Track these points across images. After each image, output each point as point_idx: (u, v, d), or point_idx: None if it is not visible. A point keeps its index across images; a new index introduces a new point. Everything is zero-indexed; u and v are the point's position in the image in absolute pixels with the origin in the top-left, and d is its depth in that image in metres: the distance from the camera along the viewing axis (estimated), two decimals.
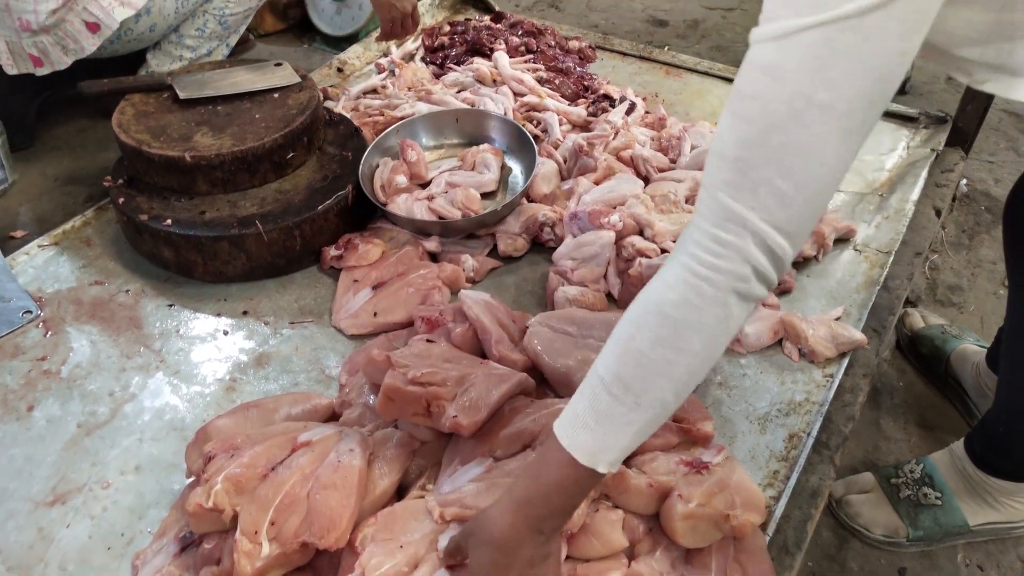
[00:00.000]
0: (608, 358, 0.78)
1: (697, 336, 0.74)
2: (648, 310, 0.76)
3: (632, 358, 0.76)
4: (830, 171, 0.68)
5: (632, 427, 0.77)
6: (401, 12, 1.93)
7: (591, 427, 0.78)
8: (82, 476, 1.12)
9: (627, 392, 0.76)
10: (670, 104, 2.00)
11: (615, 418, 0.77)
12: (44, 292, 1.42)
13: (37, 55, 1.69)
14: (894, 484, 1.24)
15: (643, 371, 0.75)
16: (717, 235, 0.70)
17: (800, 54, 0.64)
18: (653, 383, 0.76)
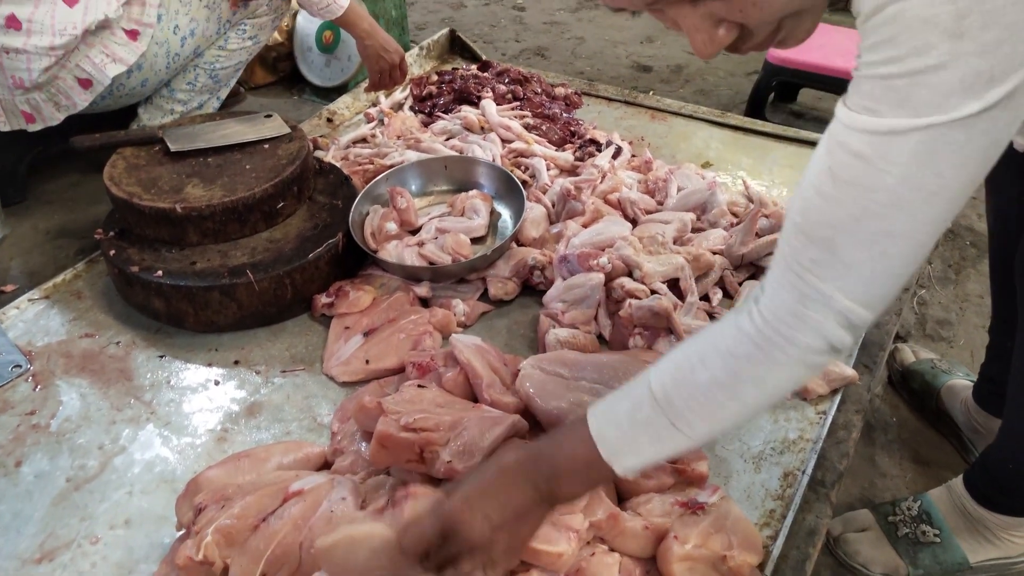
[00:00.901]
0: (665, 376, 0.79)
1: (755, 390, 0.75)
2: (717, 351, 0.77)
3: (687, 389, 0.77)
4: (923, 249, 0.69)
5: (662, 445, 0.80)
6: (389, 63, 1.97)
7: (623, 428, 0.80)
8: (70, 532, 1.11)
9: (670, 413, 0.77)
10: (656, 147, 2.02)
11: (649, 431, 0.79)
12: (34, 346, 1.42)
13: (29, 111, 1.71)
14: (892, 522, 1.23)
15: (693, 403, 0.77)
16: (799, 311, 0.71)
17: (911, 150, 0.63)
18: (698, 416, 0.77)
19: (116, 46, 1.67)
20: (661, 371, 0.80)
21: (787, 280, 0.72)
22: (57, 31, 1.58)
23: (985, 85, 0.59)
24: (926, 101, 0.61)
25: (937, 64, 0.59)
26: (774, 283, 0.73)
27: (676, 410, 0.77)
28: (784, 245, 0.73)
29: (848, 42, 2.33)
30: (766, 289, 0.74)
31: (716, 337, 0.78)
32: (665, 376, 0.79)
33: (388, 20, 2.55)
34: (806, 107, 2.60)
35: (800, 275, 0.70)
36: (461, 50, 2.56)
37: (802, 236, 0.70)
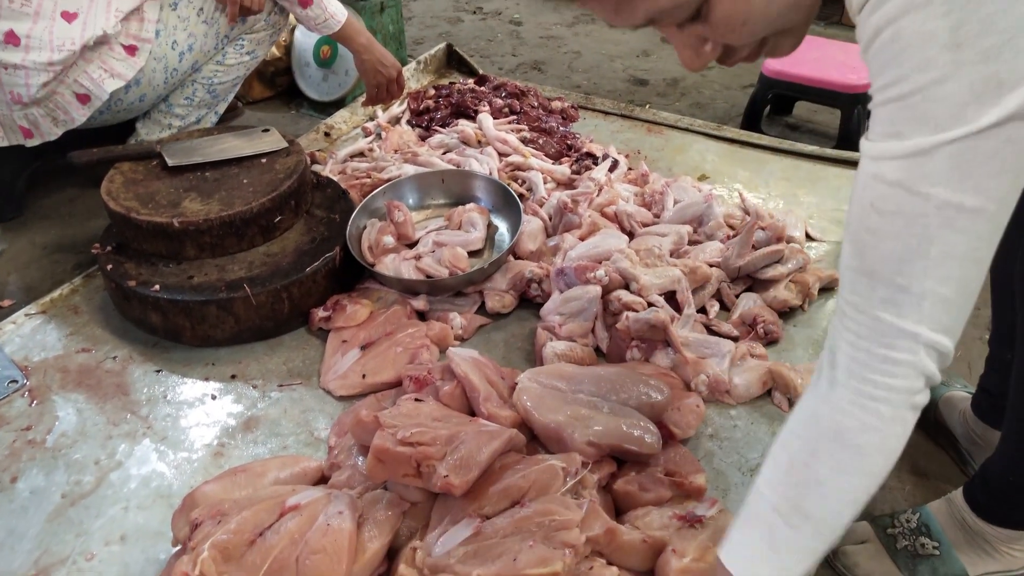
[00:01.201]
0: (780, 487, 0.76)
1: (880, 456, 0.73)
2: (823, 436, 0.73)
3: (812, 489, 0.74)
4: (986, 263, 0.68)
5: (813, 554, 0.76)
6: (386, 77, 1.98)
7: (770, 559, 0.77)
8: (66, 548, 1.10)
9: (807, 521, 0.75)
10: (652, 160, 2.03)
11: (795, 548, 0.76)
12: (30, 361, 1.42)
13: (27, 127, 1.71)
14: (891, 534, 1.22)
15: (825, 500, 0.74)
16: (887, 355, 0.69)
17: (943, 167, 0.62)
18: (836, 510, 0.75)
19: (114, 61, 1.68)
20: (774, 482, 0.77)
21: (863, 330, 0.70)
22: (55, 47, 1.59)
23: (996, 91, 0.59)
24: (944, 115, 0.61)
25: (942, 76, 0.60)
26: (848, 339, 0.71)
27: (808, 515, 0.75)
28: (848, 295, 0.71)
29: (843, 55, 2.35)
30: (839, 350, 0.72)
31: (813, 424, 0.75)
32: (782, 487, 0.76)
33: (385, 35, 2.57)
34: (802, 120, 2.61)
35: (877, 318, 0.68)
36: (458, 64, 2.57)
37: (864, 279, 0.69)
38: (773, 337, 1.43)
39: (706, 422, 1.27)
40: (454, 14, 3.69)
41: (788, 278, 1.52)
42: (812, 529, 0.75)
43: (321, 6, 1.84)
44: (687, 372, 1.32)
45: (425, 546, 0.99)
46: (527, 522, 0.98)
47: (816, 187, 1.91)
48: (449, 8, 3.77)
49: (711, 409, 1.30)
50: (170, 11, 1.74)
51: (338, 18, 1.87)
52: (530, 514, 0.99)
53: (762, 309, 1.46)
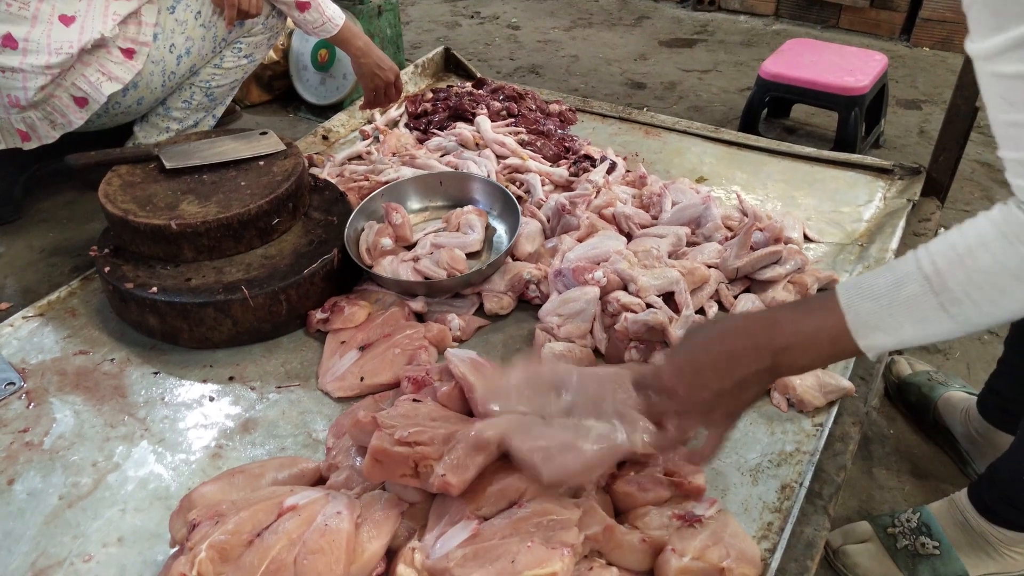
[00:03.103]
0: (937, 256, 0.75)
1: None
2: (1000, 235, 0.73)
3: (966, 272, 0.73)
4: None
5: (924, 327, 0.76)
6: (384, 81, 1.98)
7: (882, 303, 0.77)
8: (63, 550, 1.09)
9: (943, 294, 0.74)
10: (650, 163, 2.03)
11: (913, 307, 0.75)
12: (28, 363, 1.41)
13: (25, 130, 1.71)
14: (891, 534, 1.22)
15: (972, 287, 0.73)
16: None
17: None
18: (976, 301, 0.73)
19: (112, 65, 1.68)
20: (933, 251, 0.76)
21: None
22: (53, 50, 1.59)
23: None
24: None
25: None
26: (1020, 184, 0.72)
27: (950, 292, 0.74)
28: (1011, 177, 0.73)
29: (839, 58, 2.36)
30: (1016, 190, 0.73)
31: (993, 224, 0.74)
32: (939, 257, 0.75)
33: (383, 39, 2.57)
34: (799, 122, 2.62)
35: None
36: (456, 68, 2.57)
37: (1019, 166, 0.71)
38: None
39: None
40: (452, 18, 3.70)
41: (786, 279, 1.52)
42: (940, 303, 0.74)
43: (319, 10, 1.84)
44: None
45: (423, 548, 0.98)
46: (525, 522, 0.98)
47: (814, 189, 1.91)
48: (447, 12, 3.78)
49: None
50: (168, 15, 1.74)
51: (336, 22, 1.87)
52: (528, 514, 0.98)
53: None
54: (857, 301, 0.78)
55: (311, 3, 1.82)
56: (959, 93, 1.75)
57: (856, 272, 1.60)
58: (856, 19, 3.36)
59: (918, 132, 2.59)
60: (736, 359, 0.83)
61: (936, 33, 3.26)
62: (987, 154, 2.45)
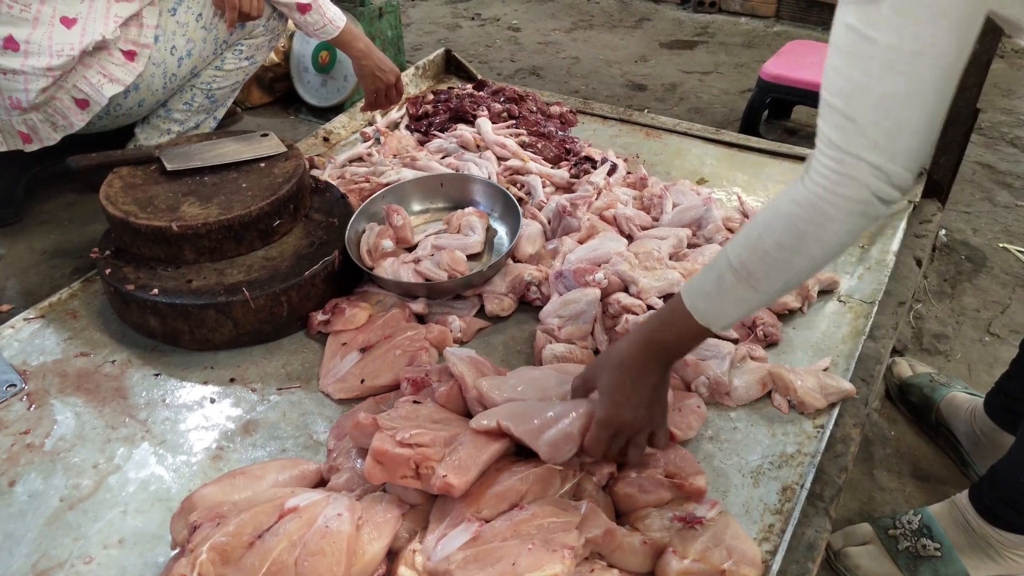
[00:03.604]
0: (738, 248, 0.94)
1: (817, 244, 0.88)
2: (777, 217, 0.90)
3: (758, 254, 0.91)
4: (931, 106, 0.80)
5: (745, 304, 0.96)
6: (385, 83, 1.98)
7: (712, 297, 0.97)
8: (63, 552, 1.09)
9: (749, 277, 0.93)
10: (651, 164, 2.03)
11: (733, 295, 0.95)
12: (29, 365, 1.41)
13: (26, 132, 1.71)
14: (892, 535, 1.22)
15: (765, 265, 0.91)
16: (838, 168, 0.83)
17: (886, 15, 0.74)
18: (771, 275, 0.92)
19: (113, 67, 1.68)
20: (735, 244, 0.94)
21: (822, 147, 0.84)
22: (54, 52, 1.59)
23: None
24: None
25: None
26: (816, 153, 0.86)
27: (751, 272, 0.92)
28: (819, 119, 0.85)
29: None
30: (812, 158, 0.86)
31: (776, 207, 0.90)
32: (739, 248, 0.94)
33: (384, 40, 2.57)
34: (800, 124, 2.62)
35: (831, 140, 0.83)
36: (457, 70, 2.58)
37: (826, 107, 0.83)
38: (772, 339, 1.43)
39: (706, 424, 1.27)
40: (452, 20, 3.70)
41: None
42: (751, 285, 0.93)
43: (320, 12, 1.84)
44: (687, 373, 1.32)
45: (424, 549, 0.98)
46: (526, 525, 0.98)
47: None
48: (448, 14, 3.78)
49: (711, 411, 1.30)
50: (169, 17, 1.74)
51: (337, 24, 1.87)
52: (529, 517, 0.98)
53: (761, 312, 1.46)
54: (696, 301, 0.98)
55: (312, 5, 1.82)
56: (960, 95, 1.74)
57: (857, 274, 1.60)
58: None
59: None
60: (642, 377, 1.04)
61: None
62: (988, 156, 2.45)
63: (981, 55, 1.67)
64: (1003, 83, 2.95)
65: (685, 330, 1.00)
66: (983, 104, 1.82)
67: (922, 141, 0.82)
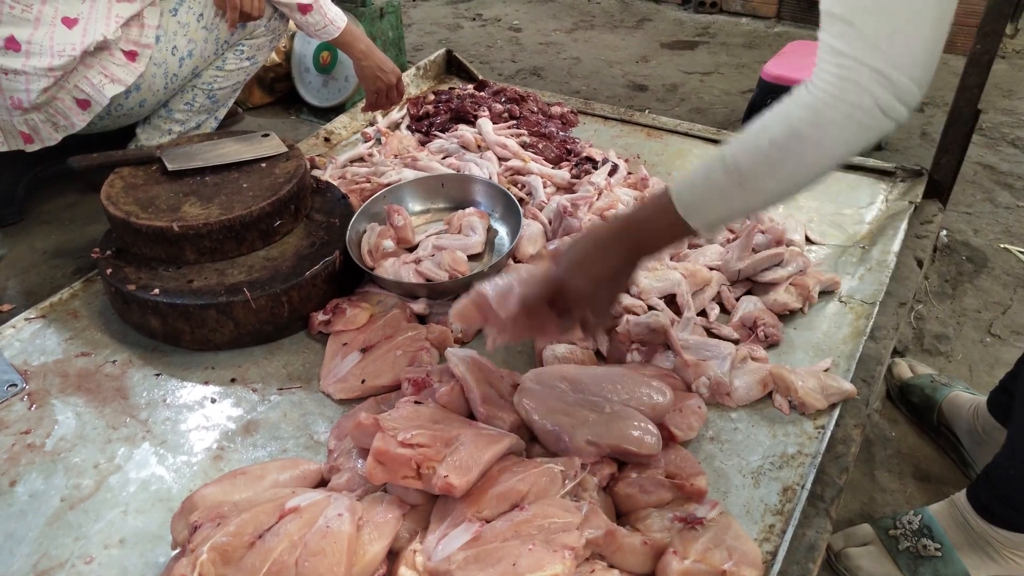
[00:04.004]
0: (734, 144, 0.93)
1: (813, 149, 0.87)
2: (777, 118, 0.89)
3: (751, 151, 0.91)
4: (931, 9, 0.81)
5: (727, 202, 0.94)
6: (386, 84, 1.98)
7: (698, 189, 0.96)
8: (64, 552, 1.10)
9: (738, 173, 0.91)
10: (652, 165, 2.03)
11: (719, 189, 0.94)
12: (30, 365, 1.41)
13: (28, 132, 1.71)
14: (893, 536, 1.22)
15: (756, 163, 0.90)
16: (841, 74, 0.84)
17: None
18: (760, 174, 0.90)
19: (114, 67, 1.68)
20: (732, 141, 0.93)
21: (824, 56, 0.85)
22: (56, 52, 1.59)
23: None
24: None
25: None
26: (820, 60, 0.86)
27: (742, 172, 0.91)
28: (820, 32, 0.86)
29: None
30: (815, 67, 0.87)
31: (778, 109, 0.90)
32: (734, 144, 0.92)
33: (385, 41, 2.57)
34: None
35: (832, 47, 0.84)
36: (458, 70, 2.58)
37: (826, 17, 0.85)
38: (773, 340, 1.43)
39: (707, 424, 1.27)
40: (454, 21, 3.70)
41: (788, 281, 1.52)
42: (739, 182, 0.91)
43: (321, 12, 1.84)
44: (688, 374, 1.32)
45: (425, 550, 0.98)
46: (526, 525, 0.98)
47: (815, 191, 1.91)
48: (449, 15, 3.78)
49: (711, 411, 1.30)
50: (170, 17, 1.75)
51: (338, 24, 1.87)
52: (529, 517, 0.98)
53: (762, 312, 1.46)
54: (682, 191, 0.97)
55: (313, 6, 1.83)
56: (961, 95, 1.75)
57: (858, 275, 1.60)
58: None
59: (920, 134, 2.59)
60: (607, 254, 1.03)
61: None
62: (989, 156, 2.45)
63: (982, 56, 1.67)
64: (1004, 84, 2.95)
65: (663, 220, 0.99)
66: (984, 105, 1.82)
67: (924, 49, 0.82)
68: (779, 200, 0.94)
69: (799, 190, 0.92)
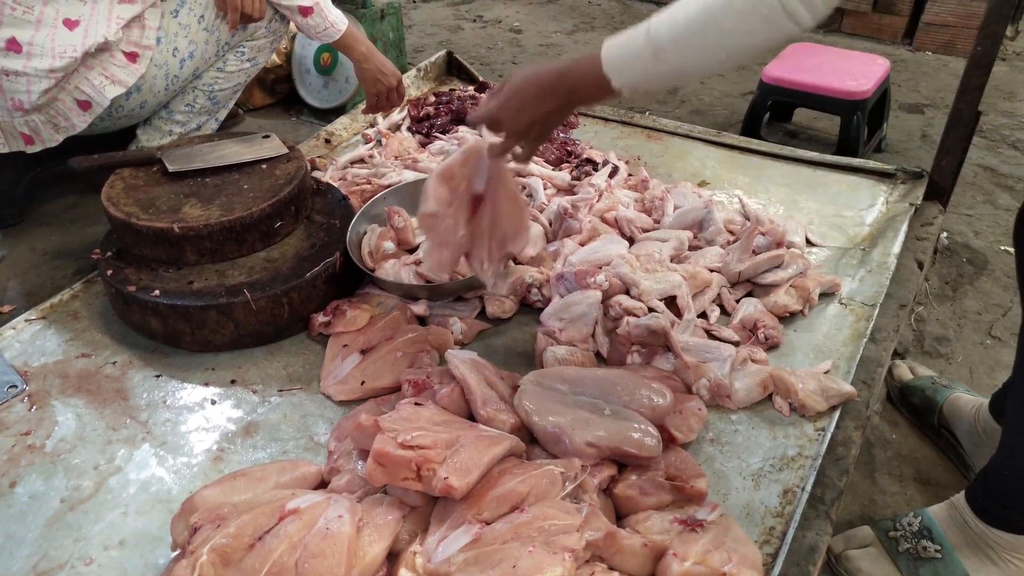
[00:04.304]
0: (661, 15, 1.00)
1: (717, 34, 0.95)
2: (697, 2, 0.96)
3: (670, 23, 0.98)
4: None
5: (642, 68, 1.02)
6: (386, 86, 1.99)
7: (622, 50, 1.03)
8: (64, 553, 1.09)
9: (656, 43, 0.99)
10: (652, 167, 2.03)
11: (638, 54, 1.01)
12: (30, 366, 1.41)
13: (28, 133, 1.71)
14: (892, 537, 1.22)
15: (672, 36, 0.98)
16: None
17: None
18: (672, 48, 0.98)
19: (115, 68, 1.68)
20: (662, 11, 1.00)
21: None
22: (57, 54, 1.59)
23: None
24: None
25: None
26: None
27: (660, 42, 0.99)
28: None
29: (842, 62, 2.36)
30: None
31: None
32: (661, 14, 1.00)
33: (386, 42, 2.57)
34: (801, 126, 2.62)
35: None
36: (458, 72, 2.58)
37: None
38: (773, 342, 1.43)
39: (707, 426, 1.27)
40: (454, 22, 3.70)
41: (788, 283, 1.52)
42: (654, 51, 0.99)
43: (321, 15, 1.84)
44: (688, 376, 1.32)
45: (425, 552, 0.98)
46: (526, 527, 0.98)
47: (816, 193, 1.91)
48: (449, 16, 3.79)
49: (712, 413, 1.30)
50: (171, 18, 1.75)
51: (338, 27, 1.87)
52: (529, 519, 0.98)
53: (762, 314, 1.46)
54: (608, 51, 1.04)
55: (314, 8, 1.83)
56: (961, 97, 1.75)
57: (859, 277, 1.60)
58: (858, 23, 3.36)
59: (920, 136, 2.59)
60: (543, 96, 1.11)
61: (938, 37, 3.26)
62: (990, 158, 2.45)
63: (983, 57, 1.67)
64: (1004, 86, 2.95)
65: (592, 76, 1.05)
66: (984, 107, 1.82)
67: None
68: (687, 75, 1.03)
69: (706, 71, 1.02)
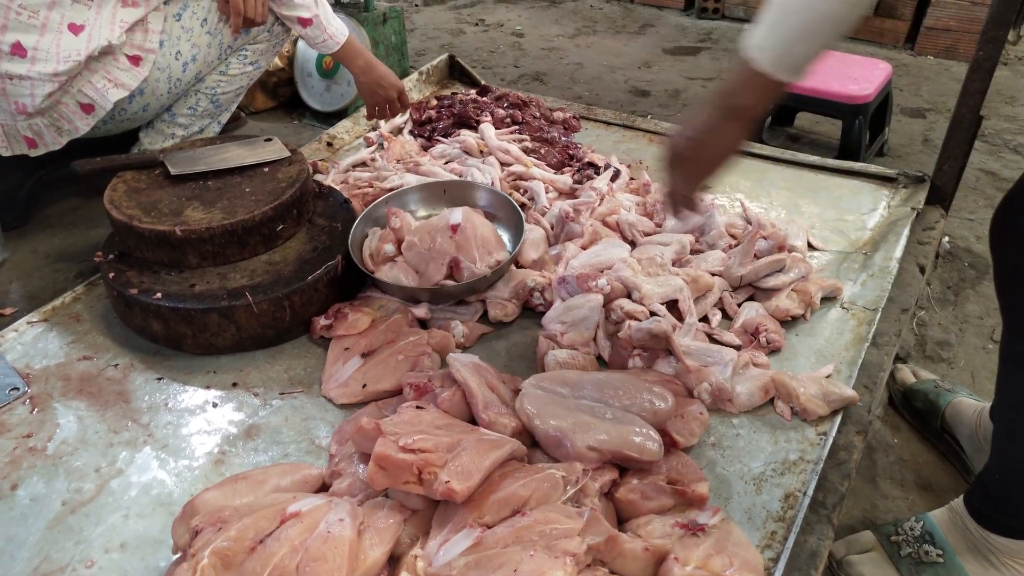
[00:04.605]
0: None
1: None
2: None
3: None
4: None
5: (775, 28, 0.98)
6: (384, 99, 1.98)
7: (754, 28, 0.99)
8: (65, 556, 1.09)
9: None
10: (654, 170, 2.03)
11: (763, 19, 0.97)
12: (32, 368, 1.42)
13: (32, 136, 1.72)
14: (894, 542, 1.22)
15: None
16: None
17: None
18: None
19: (118, 71, 1.69)
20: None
21: None
22: (61, 58, 1.59)
23: None
24: None
25: None
26: None
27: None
28: None
29: (844, 67, 2.36)
30: None
31: None
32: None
33: (388, 46, 2.58)
34: (803, 130, 2.62)
35: None
36: (460, 75, 2.58)
37: None
38: (775, 346, 1.43)
39: (708, 430, 1.27)
40: (456, 26, 3.71)
41: (790, 287, 1.52)
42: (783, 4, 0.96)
43: (320, 27, 1.84)
44: (690, 380, 1.32)
45: (426, 555, 0.98)
46: (528, 531, 0.97)
47: (818, 197, 1.91)
48: (451, 20, 3.79)
49: (713, 417, 1.29)
50: (174, 22, 1.75)
51: (337, 39, 1.88)
52: (531, 523, 0.98)
53: (764, 318, 1.46)
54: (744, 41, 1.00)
55: (313, 20, 1.83)
56: (963, 102, 1.75)
57: (860, 281, 1.60)
58: (860, 27, 3.36)
59: (922, 140, 2.59)
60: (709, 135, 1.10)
61: (940, 42, 3.26)
62: (991, 163, 2.45)
63: (984, 62, 1.67)
64: (1006, 90, 2.95)
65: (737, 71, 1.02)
66: (986, 111, 1.82)
67: None
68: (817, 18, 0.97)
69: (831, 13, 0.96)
